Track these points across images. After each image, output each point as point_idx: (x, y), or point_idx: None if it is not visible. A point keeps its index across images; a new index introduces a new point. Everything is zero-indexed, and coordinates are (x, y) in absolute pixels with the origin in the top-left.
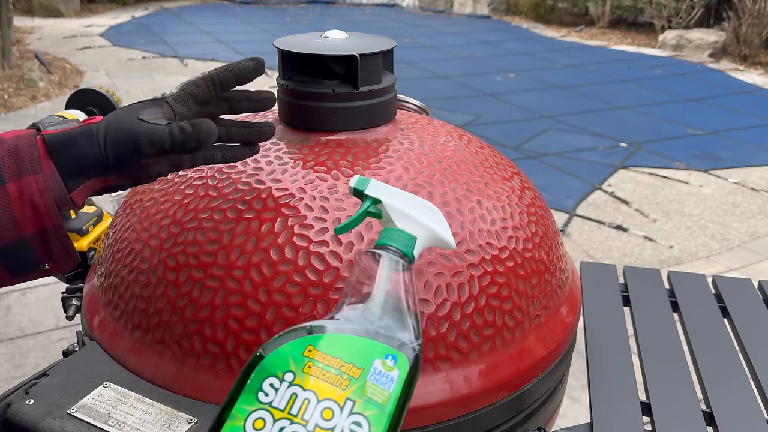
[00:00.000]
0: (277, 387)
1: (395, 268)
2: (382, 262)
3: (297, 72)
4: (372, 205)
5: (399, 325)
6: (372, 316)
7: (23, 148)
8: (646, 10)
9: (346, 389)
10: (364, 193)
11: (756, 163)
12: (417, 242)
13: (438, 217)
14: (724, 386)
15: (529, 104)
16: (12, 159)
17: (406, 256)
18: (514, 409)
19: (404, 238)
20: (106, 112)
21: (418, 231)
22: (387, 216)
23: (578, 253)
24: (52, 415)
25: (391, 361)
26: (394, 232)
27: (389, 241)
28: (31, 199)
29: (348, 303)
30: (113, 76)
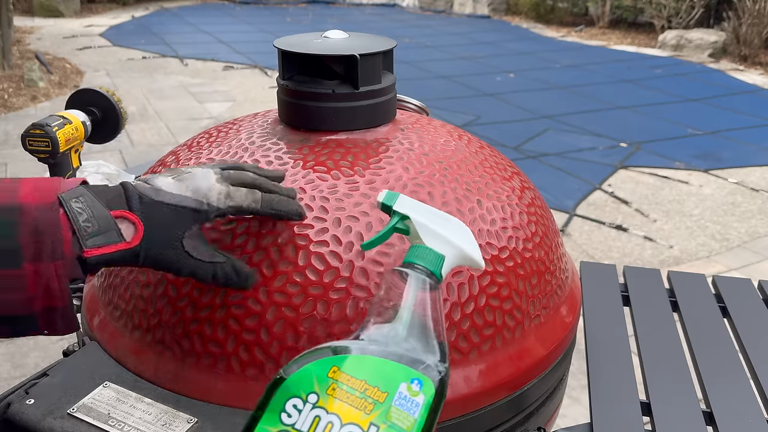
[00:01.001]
0: (300, 408)
1: (422, 287)
2: (409, 281)
3: (297, 72)
4: (400, 221)
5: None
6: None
7: (46, 230)
8: (646, 10)
9: (370, 413)
10: (392, 208)
11: (756, 163)
12: (445, 261)
13: (467, 236)
14: (724, 386)
15: (529, 104)
16: (33, 239)
17: (433, 275)
18: (514, 409)
19: (432, 256)
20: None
21: (447, 249)
22: (415, 233)
23: (578, 253)
24: (52, 415)
25: (416, 385)
26: (422, 250)
27: (417, 259)
28: (47, 283)
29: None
30: (113, 76)
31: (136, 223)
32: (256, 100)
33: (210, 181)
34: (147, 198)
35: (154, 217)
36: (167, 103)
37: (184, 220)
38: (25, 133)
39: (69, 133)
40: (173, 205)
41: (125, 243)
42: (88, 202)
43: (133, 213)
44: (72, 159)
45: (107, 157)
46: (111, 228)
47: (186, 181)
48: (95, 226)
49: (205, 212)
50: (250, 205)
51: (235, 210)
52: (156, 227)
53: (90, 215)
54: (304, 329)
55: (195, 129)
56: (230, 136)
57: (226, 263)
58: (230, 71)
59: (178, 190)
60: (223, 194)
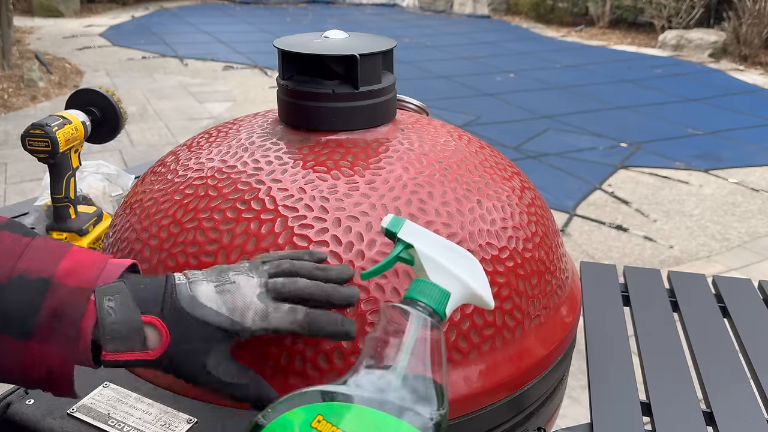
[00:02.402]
0: None
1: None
2: (410, 320)
3: (297, 72)
4: (404, 250)
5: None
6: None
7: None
8: (646, 10)
9: None
10: (397, 235)
11: (756, 163)
12: (451, 298)
13: (477, 270)
14: (724, 386)
15: (529, 104)
16: (50, 323)
17: (436, 313)
18: (514, 409)
19: (437, 293)
20: (106, 112)
21: (453, 285)
22: (419, 264)
23: (578, 253)
24: (52, 415)
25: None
26: (426, 286)
27: (419, 295)
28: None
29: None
30: (113, 76)
31: (162, 334)
32: (256, 100)
33: (250, 297)
34: (180, 308)
35: (182, 330)
36: (167, 103)
37: (211, 337)
38: (25, 133)
39: (69, 133)
40: (204, 321)
41: (146, 353)
42: (122, 303)
43: (163, 322)
44: (72, 159)
45: (107, 157)
46: (136, 335)
47: (227, 294)
48: (120, 332)
49: (237, 332)
50: (287, 327)
51: (272, 331)
52: (181, 340)
53: (119, 318)
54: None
55: (195, 129)
56: (230, 136)
57: (250, 387)
58: (230, 71)
59: (215, 305)
60: (260, 314)
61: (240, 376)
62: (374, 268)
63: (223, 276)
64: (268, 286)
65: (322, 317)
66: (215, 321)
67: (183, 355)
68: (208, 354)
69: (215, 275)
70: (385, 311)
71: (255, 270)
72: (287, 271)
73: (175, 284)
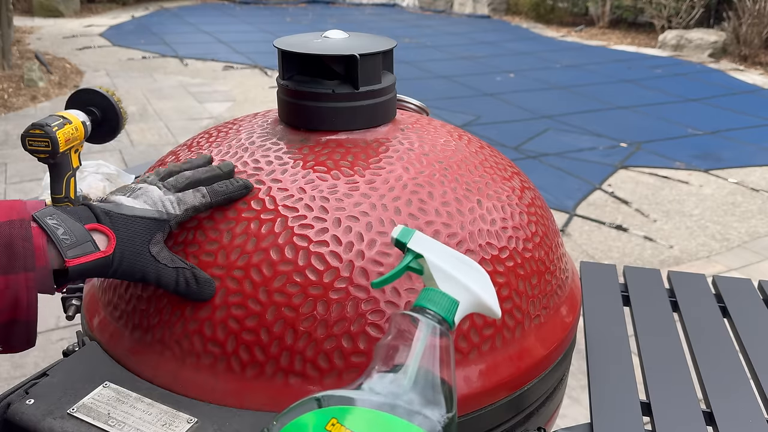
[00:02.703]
0: None
1: (432, 334)
2: (420, 327)
3: (297, 72)
4: (414, 260)
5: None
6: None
7: (17, 242)
8: (646, 10)
9: None
10: (407, 246)
11: (756, 163)
12: (459, 307)
13: (484, 280)
14: (724, 386)
15: (529, 104)
16: (4, 252)
17: (445, 321)
18: (514, 409)
19: (446, 301)
20: (107, 112)
21: (462, 294)
22: (429, 274)
23: (578, 253)
24: (52, 415)
25: None
26: (435, 294)
27: (429, 303)
28: (15, 294)
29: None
30: (113, 76)
31: (109, 234)
32: (256, 100)
33: (159, 195)
34: (112, 213)
35: (122, 229)
36: (167, 103)
37: (148, 228)
38: (25, 133)
39: (69, 133)
40: (137, 216)
41: (101, 252)
42: (62, 218)
43: (103, 225)
44: (72, 159)
45: (107, 157)
46: (87, 239)
47: (141, 196)
48: (73, 238)
49: (166, 220)
50: (201, 201)
51: (191, 211)
52: (125, 237)
53: (66, 228)
54: (304, 329)
55: (195, 129)
56: (230, 136)
57: (188, 270)
58: (230, 71)
59: (137, 204)
60: (175, 201)
61: (178, 262)
62: (384, 277)
63: (128, 188)
64: (167, 185)
65: (221, 185)
66: (145, 214)
67: (130, 250)
68: (150, 242)
69: (122, 191)
70: (395, 319)
71: (144, 181)
72: (169, 173)
73: (95, 203)
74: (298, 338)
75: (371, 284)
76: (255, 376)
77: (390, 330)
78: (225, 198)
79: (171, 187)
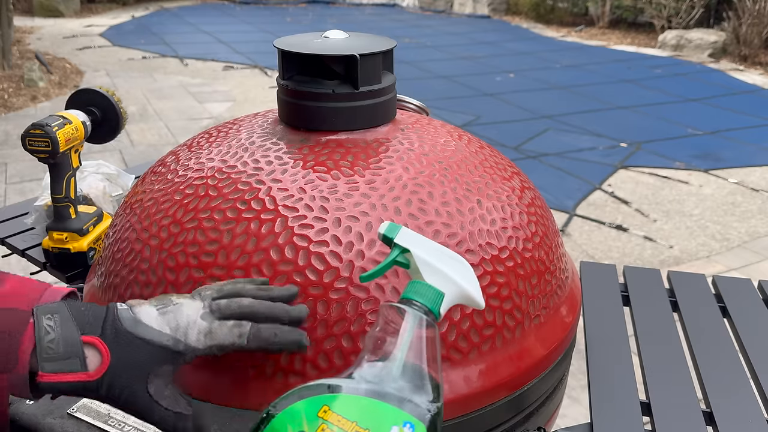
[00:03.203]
0: None
1: (419, 324)
2: (406, 318)
3: (297, 72)
4: (400, 254)
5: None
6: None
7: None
8: (646, 10)
9: None
10: (393, 241)
11: (756, 163)
12: (445, 299)
13: (468, 273)
14: (724, 386)
15: (529, 104)
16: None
17: (431, 312)
18: (514, 409)
19: (431, 293)
20: (107, 112)
21: (447, 286)
22: (415, 267)
23: (578, 253)
24: (52, 415)
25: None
26: (422, 287)
27: (415, 295)
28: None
29: (368, 359)
30: (113, 76)
31: (103, 354)
32: (256, 100)
33: (194, 317)
34: (122, 331)
35: (123, 351)
36: (167, 103)
37: (155, 358)
38: (25, 133)
39: (69, 133)
40: (146, 340)
41: (85, 374)
42: (62, 321)
43: (103, 342)
44: (72, 159)
45: (107, 157)
46: (75, 356)
47: (169, 314)
48: (58, 350)
49: (181, 353)
50: (233, 342)
51: (217, 349)
52: (123, 361)
53: (58, 336)
54: (304, 329)
55: (195, 129)
56: (230, 136)
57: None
58: (230, 71)
59: (157, 325)
60: (203, 332)
61: (181, 404)
62: (372, 271)
63: (165, 299)
64: (212, 307)
65: (269, 328)
66: (158, 339)
67: (124, 377)
68: (150, 376)
69: (157, 300)
70: (383, 311)
71: (198, 294)
72: (230, 293)
73: (117, 308)
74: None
75: (359, 278)
76: (255, 376)
77: (378, 321)
78: (266, 347)
79: (217, 310)
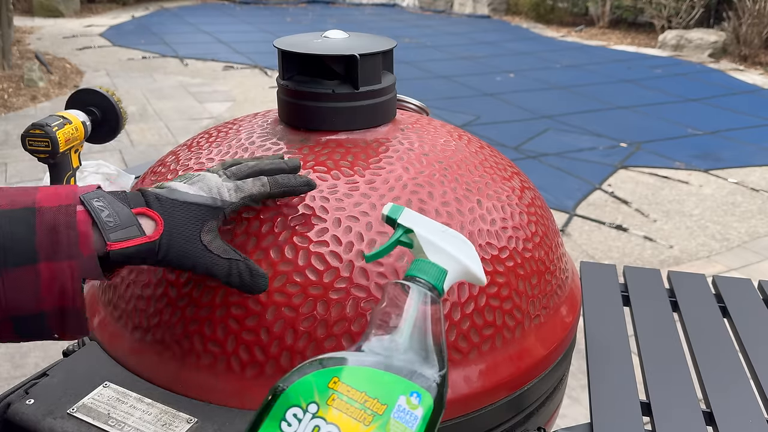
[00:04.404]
0: (300, 418)
1: (423, 301)
2: (411, 294)
3: (297, 72)
4: (404, 234)
5: (424, 360)
6: (398, 349)
7: (62, 230)
8: (646, 10)
9: (369, 425)
10: (397, 221)
11: (756, 163)
12: (448, 275)
13: (470, 251)
14: (724, 386)
15: (529, 104)
16: (49, 238)
17: (435, 289)
18: (514, 409)
19: (435, 271)
20: (107, 112)
21: (450, 264)
22: (418, 246)
23: (578, 253)
24: (52, 415)
25: (415, 399)
26: (425, 264)
27: (419, 273)
28: (61, 283)
29: (375, 333)
30: (113, 76)
31: (156, 219)
32: (256, 100)
33: (217, 182)
34: (163, 198)
35: (172, 214)
36: (167, 103)
37: (200, 215)
38: (25, 133)
39: (69, 133)
40: (189, 202)
41: (146, 237)
42: (109, 201)
43: (152, 210)
44: (72, 159)
45: (107, 157)
46: (132, 223)
47: (197, 183)
48: (117, 221)
49: (220, 207)
50: (260, 190)
51: (248, 199)
52: (175, 223)
53: (112, 211)
54: (304, 329)
55: (195, 129)
56: (230, 136)
57: (241, 262)
58: (230, 71)
59: (193, 191)
60: (232, 189)
61: (232, 253)
62: (377, 251)
63: (187, 175)
64: (227, 174)
65: (283, 177)
66: (198, 200)
67: (180, 237)
68: (201, 230)
69: (180, 177)
70: (388, 288)
71: (207, 171)
72: (233, 163)
73: (149, 188)
74: (298, 338)
75: (365, 258)
76: (255, 376)
77: (383, 298)
78: (285, 190)
79: (232, 175)
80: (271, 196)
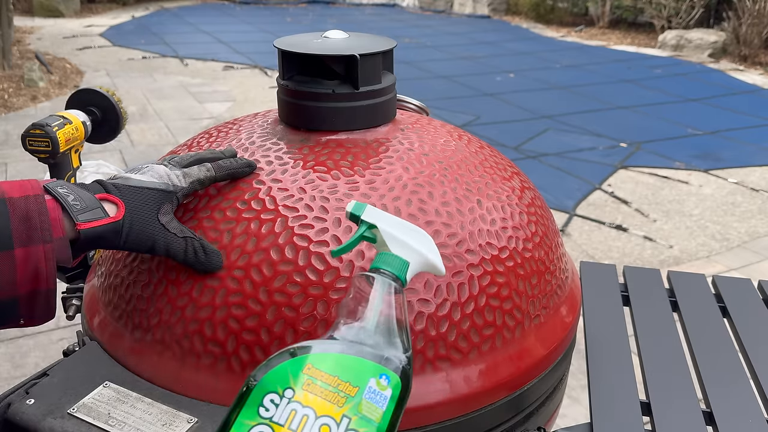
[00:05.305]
0: (277, 403)
1: (388, 290)
2: (376, 284)
3: (297, 72)
4: (367, 229)
5: (390, 343)
6: (366, 336)
7: (34, 216)
8: (646, 10)
9: (342, 406)
10: (360, 218)
11: (756, 163)
12: (410, 267)
13: (430, 244)
14: (724, 386)
15: (529, 104)
16: (24, 225)
17: (398, 279)
18: (514, 409)
19: (397, 262)
20: (107, 112)
21: (411, 256)
22: (381, 241)
23: (578, 253)
24: (52, 415)
25: (384, 380)
26: (388, 257)
27: (383, 265)
28: (35, 266)
29: (344, 322)
30: (113, 76)
31: (117, 203)
32: (256, 100)
33: (166, 171)
34: (120, 185)
35: (130, 198)
36: (167, 103)
37: (156, 199)
38: (25, 133)
39: (69, 133)
40: (145, 187)
41: (111, 218)
42: (72, 188)
43: (112, 195)
44: (72, 159)
45: (107, 157)
46: (97, 206)
47: (147, 172)
48: (83, 204)
49: (173, 192)
50: (206, 175)
51: (196, 183)
52: (134, 206)
53: (76, 196)
54: (304, 329)
55: (195, 129)
56: (230, 136)
57: (196, 240)
58: (230, 71)
59: (145, 178)
60: (181, 176)
61: (187, 231)
62: (342, 246)
63: (135, 168)
64: (172, 162)
65: (225, 161)
66: (152, 185)
67: (140, 215)
68: (158, 212)
69: (128, 169)
70: (355, 281)
71: (153, 163)
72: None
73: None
74: (298, 338)
75: (331, 253)
76: None
77: (350, 291)
78: (229, 173)
79: (176, 164)
80: (217, 179)
